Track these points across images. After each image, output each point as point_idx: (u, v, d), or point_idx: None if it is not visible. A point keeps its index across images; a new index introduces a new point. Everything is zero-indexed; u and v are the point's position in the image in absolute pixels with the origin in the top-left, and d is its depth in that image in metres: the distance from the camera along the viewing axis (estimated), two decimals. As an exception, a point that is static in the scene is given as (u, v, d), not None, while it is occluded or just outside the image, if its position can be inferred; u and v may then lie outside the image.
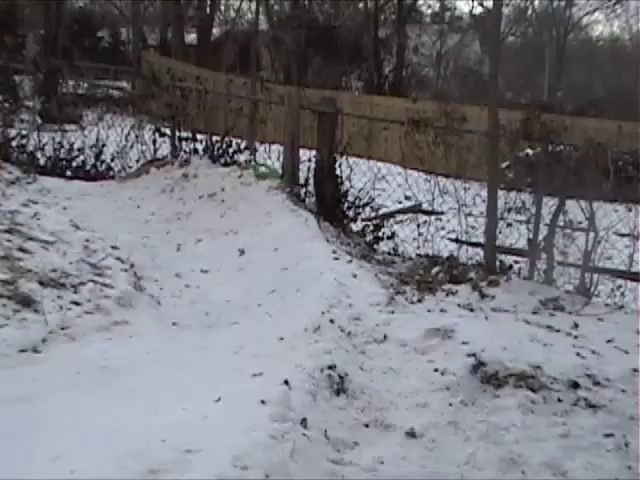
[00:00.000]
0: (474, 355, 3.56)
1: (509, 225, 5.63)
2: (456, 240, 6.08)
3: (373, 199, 6.46)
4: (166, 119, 7.22)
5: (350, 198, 6.33)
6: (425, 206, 7.57)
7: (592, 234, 5.12)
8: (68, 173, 6.97)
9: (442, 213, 6.96)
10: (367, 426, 3.12)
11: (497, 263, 5.44)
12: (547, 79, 25.19)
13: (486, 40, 23.07)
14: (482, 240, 5.65)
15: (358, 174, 6.42)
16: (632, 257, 5.36)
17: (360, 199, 6.34)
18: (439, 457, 2.91)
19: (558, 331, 4.14)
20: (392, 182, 6.82)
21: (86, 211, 5.71)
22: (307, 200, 6.22)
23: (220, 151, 6.79)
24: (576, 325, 4.29)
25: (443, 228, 6.90)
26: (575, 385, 3.38)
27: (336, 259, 4.89)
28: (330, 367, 3.38)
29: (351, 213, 6.34)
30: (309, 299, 4.26)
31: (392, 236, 6.31)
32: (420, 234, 5.93)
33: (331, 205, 6.18)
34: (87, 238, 4.79)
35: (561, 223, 5.27)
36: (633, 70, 20.59)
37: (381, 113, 12.36)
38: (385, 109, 13.33)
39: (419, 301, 4.53)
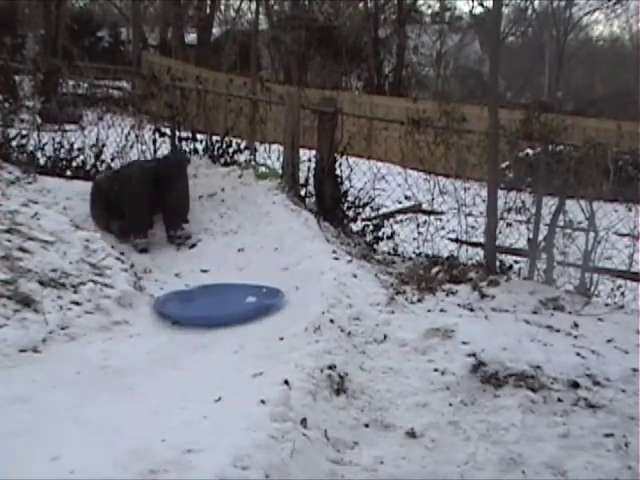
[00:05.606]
0: (474, 355, 3.56)
1: (509, 225, 5.63)
2: (456, 240, 6.08)
3: (373, 199, 6.46)
4: (166, 119, 7.21)
5: (350, 198, 6.32)
6: (425, 206, 7.57)
7: (592, 234, 5.12)
8: (68, 173, 6.94)
9: (442, 213, 6.97)
10: (367, 426, 3.12)
11: (497, 263, 5.44)
12: (547, 79, 25.24)
13: (486, 40, 23.09)
14: (482, 240, 5.65)
15: (358, 174, 6.42)
16: (632, 257, 5.36)
17: (360, 199, 6.34)
18: (439, 457, 2.91)
19: (558, 331, 4.14)
20: (392, 182, 6.82)
21: (86, 211, 5.71)
22: (307, 200, 6.22)
23: (220, 151, 6.78)
24: (576, 325, 4.29)
25: (443, 228, 6.90)
26: (575, 385, 3.39)
27: (336, 259, 4.89)
28: (330, 367, 3.38)
29: (351, 213, 6.33)
30: (309, 299, 4.26)
31: (392, 236, 6.31)
32: (420, 234, 5.93)
33: (331, 205, 6.18)
34: (87, 238, 4.79)
35: (561, 223, 5.27)
36: (633, 70, 20.63)
37: (381, 113, 12.38)
38: (385, 109, 13.37)
39: (419, 301, 4.52)
